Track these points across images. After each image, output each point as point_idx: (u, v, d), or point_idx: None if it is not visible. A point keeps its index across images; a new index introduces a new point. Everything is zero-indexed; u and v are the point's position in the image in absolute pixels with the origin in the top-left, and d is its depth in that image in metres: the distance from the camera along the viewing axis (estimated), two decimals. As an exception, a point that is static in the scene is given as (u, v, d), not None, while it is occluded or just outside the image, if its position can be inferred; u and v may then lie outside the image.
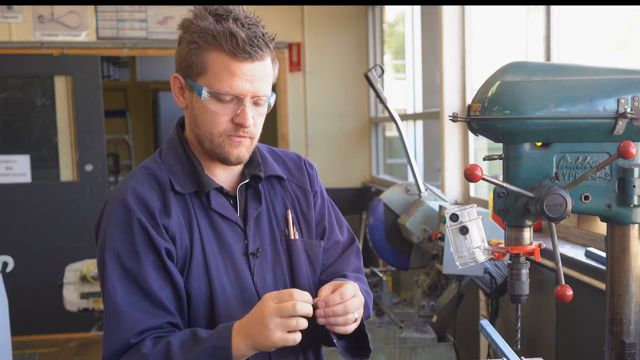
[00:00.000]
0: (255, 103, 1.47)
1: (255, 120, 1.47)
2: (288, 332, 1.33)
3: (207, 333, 1.38)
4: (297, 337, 1.34)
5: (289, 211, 1.60)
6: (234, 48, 1.40)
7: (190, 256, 1.46)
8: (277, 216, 1.58)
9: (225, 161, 1.49)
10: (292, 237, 1.58)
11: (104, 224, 1.46)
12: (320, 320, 1.38)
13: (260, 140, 1.60)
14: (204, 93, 1.43)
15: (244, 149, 1.48)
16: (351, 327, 1.41)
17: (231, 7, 1.46)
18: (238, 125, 1.45)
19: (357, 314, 1.41)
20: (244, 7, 1.50)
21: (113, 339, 1.39)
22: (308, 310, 1.34)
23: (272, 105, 1.52)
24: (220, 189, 1.52)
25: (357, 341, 1.52)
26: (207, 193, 1.49)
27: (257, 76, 1.44)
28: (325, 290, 1.41)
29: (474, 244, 1.36)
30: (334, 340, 1.47)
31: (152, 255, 1.41)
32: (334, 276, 1.61)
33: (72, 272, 4.12)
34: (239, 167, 1.57)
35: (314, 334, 1.47)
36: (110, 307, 1.40)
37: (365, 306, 1.50)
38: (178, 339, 1.37)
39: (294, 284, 1.56)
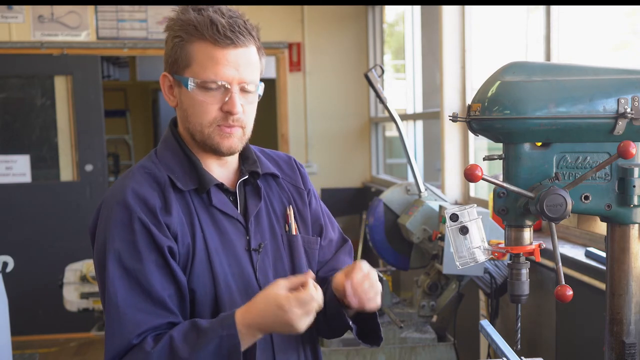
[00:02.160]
0: (243, 90, 1.47)
1: (244, 109, 1.47)
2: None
3: (208, 323, 1.38)
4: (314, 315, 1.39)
5: (290, 207, 1.62)
6: (215, 34, 1.41)
7: (192, 253, 1.45)
8: (275, 213, 1.59)
9: (217, 152, 1.49)
10: (294, 233, 1.60)
11: (101, 226, 1.45)
12: (353, 301, 1.43)
13: (259, 141, 1.61)
14: (190, 84, 1.44)
15: (235, 140, 1.48)
16: (379, 298, 1.47)
17: (223, 6, 1.48)
18: (227, 113, 1.45)
19: (377, 284, 1.47)
20: (244, 6, 1.52)
21: (115, 340, 1.38)
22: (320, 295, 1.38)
23: (261, 94, 1.52)
24: (220, 186, 1.52)
25: (369, 329, 1.58)
26: (207, 190, 1.50)
27: (241, 63, 1.45)
28: (339, 277, 1.45)
29: (474, 244, 1.36)
30: (350, 323, 1.52)
31: (154, 255, 1.41)
32: (330, 273, 1.64)
33: (72, 272, 4.13)
34: (235, 164, 1.58)
35: (331, 323, 1.53)
36: (112, 309, 1.39)
37: None
38: (180, 332, 1.37)
39: None
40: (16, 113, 5.60)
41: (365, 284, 1.43)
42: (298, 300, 1.34)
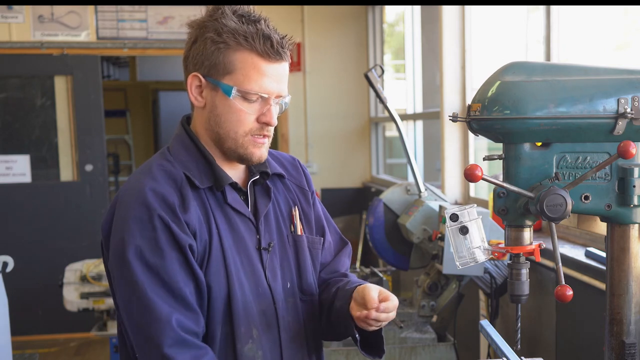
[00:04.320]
0: (277, 103, 1.50)
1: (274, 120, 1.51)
2: None
3: None
4: None
5: (296, 207, 1.64)
6: (268, 49, 1.44)
7: (209, 250, 1.46)
8: (282, 212, 1.61)
9: (247, 161, 1.51)
10: (299, 233, 1.61)
11: (119, 223, 1.44)
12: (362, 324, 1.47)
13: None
14: (233, 92, 1.45)
15: (264, 149, 1.52)
16: (372, 328, 1.49)
17: (246, 7, 1.49)
18: (264, 124, 1.47)
19: (384, 323, 1.49)
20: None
21: (158, 331, 1.36)
22: None
23: (285, 106, 1.54)
24: (233, 185, 1.53)
25: (372, 341, 1.59)
26: (222, 188, 1.51)
27: (281, 76, 1.49)
28: (374, 292, 1.45)
29: (474, 244, 1.36)
30: (356, 336, 1.54)
31: (176, 252, 1.41)
32: (333, 275, 1.68)
33: (72, 272, 4.12)
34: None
35: (337, 328, 1.56)
36: (143, 301, 1.38)
37: None
38: None
39: (300, 278, 1.59)
40: (16, 113, 5.59)
41: (382, 316, 1.44)
42: None
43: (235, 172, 1.56)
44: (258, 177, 1.57)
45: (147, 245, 1.40)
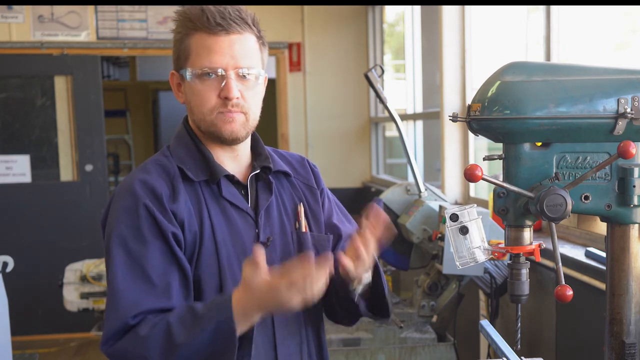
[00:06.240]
0: (240, 76, 1.48)
1: (243, 95, 1.49)
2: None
3: (205, 308, 1.37)
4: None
5: (301, 204, 1.63)
6: (206, 22, 1.45)
7: (200, 242, 1.46)
8: (286, 209, 1.60)
9: (220, 138, 1.51)
10: (303, 230, 1.60)
11: (111, 213, 1.47)
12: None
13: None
14: (188, 74, 1.48)
15: (237, 125, 1.50)
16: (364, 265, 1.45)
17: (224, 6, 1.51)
18: (225, 99, 1.47)
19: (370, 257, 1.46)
20: (244, 7, 1.53)
21: (111, 320, 1.38)
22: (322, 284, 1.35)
23: (262, 82, 1.53)
24: (231, 178, 1.53)
25: (376, 304, 1.58)
26: (218, 181, 1.51)
27: (236, 49, 1.47)
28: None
29: (474, 244, 1.36)
30: (355, 299, 1.51)
31: (159, 241, 1.42)
32: None
33: (72, 272, 4.12)
34: (248, 160, 1.59)
35: (342, 303, 1.54)
36: (111, 290, 1.40)
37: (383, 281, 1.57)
38: (176, 317, 1.37)
39: None
40: (16, 113, 5.59)
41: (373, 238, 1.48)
42: (289, 281, 1.32)
43: (237, 167, 1.57)
44: (259, 171, 1.57)
45: (130, 234, 1.42)
